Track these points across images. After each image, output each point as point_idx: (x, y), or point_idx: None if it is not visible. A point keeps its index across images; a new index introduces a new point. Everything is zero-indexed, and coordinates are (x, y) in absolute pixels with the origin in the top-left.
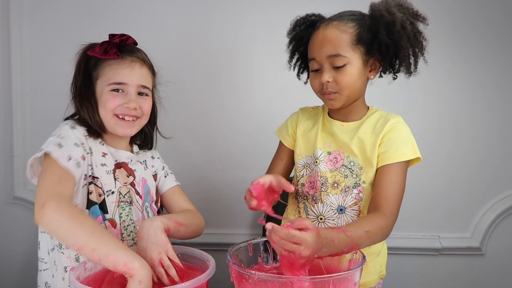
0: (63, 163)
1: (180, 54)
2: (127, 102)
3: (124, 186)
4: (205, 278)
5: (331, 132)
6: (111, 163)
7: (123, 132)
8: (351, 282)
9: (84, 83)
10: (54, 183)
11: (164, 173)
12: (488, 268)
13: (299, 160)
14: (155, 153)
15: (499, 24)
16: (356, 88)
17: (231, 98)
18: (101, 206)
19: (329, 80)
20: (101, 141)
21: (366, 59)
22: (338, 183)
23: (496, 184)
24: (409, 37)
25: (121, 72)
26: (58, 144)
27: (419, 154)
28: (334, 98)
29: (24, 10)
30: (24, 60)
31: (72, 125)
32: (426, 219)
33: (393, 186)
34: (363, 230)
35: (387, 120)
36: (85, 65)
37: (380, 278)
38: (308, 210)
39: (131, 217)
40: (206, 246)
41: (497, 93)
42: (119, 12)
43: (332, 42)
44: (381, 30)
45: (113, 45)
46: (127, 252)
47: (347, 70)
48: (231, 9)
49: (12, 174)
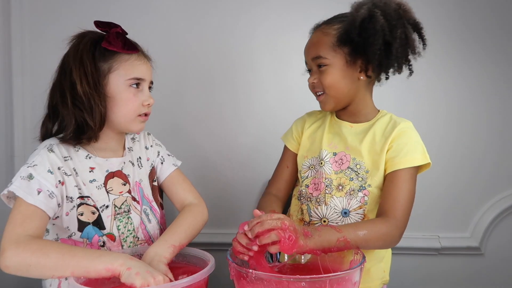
0: (30, 201)
1: (181, 53)
2: (146, 99)
3: (120, 196)
4: (204, 274)
5: (338, 133)
6: (101, 176)
7: (138, 129)
8: (350, 283)
9: (97, 74)
10: (16, 226)
11: (160, 159)
12: (487, 267)
13: (304, 161)
14: (148, 141)
15: (498, 27)
16: (341, 89)
17: (232, 98)
18: (96, 223)
19: (314, 81)
20: (87, 154)
21: (351, 60)
22: (343, 186)
23: (495, 184)
24: (384, 32)
25: (139, 68)
26: (28, 177)
27: (429, 159)
28: (323, 100)
29: (25, 10)
30: (24, 60)
31: (50, 147)
32: (426, 219)
33: (401, 193)
34: (357, 230)
35: (397, 124)
36: (93, 55)
37: (383, 284)
38: (311, 212)
39: (129, 227)
40: (206, 246)
41: (496, 95)
42: (120, 12)
43: (315, 45)
44: (352, 28)
45: (124, 38)
46: (104, 257)
47: (328, 71)
48: (231, 9)
49: (12, 174)
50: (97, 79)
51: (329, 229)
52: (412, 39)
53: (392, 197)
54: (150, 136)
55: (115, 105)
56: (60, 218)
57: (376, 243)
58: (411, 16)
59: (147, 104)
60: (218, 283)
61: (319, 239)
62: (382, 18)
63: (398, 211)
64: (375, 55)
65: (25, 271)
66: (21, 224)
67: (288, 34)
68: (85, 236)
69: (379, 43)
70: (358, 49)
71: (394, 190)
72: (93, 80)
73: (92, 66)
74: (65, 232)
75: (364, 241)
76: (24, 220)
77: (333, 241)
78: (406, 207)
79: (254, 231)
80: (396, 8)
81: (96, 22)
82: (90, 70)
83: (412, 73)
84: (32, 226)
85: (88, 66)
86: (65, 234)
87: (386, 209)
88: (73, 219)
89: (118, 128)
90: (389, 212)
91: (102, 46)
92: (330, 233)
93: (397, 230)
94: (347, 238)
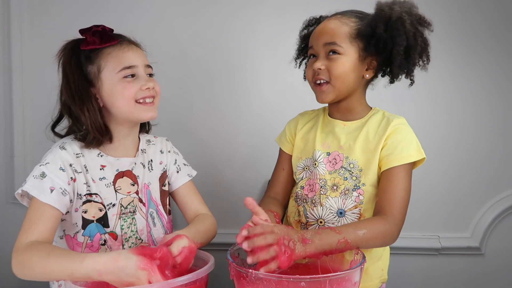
0: (43, 200)
1: (180, 53)
2: (144, 84)
3: (127, 196)
4: (203, 273)
5: (331, 132)
6: (111, 174)
7: (148, 116)
8: (350, 283)
9: (81, 83)
10: (22, 233)
11: (176, 167)
12: (487, 268)
13: (298, 163)
14: (165, 146)
15: (501, 28)
16: (347, 81)
17: (233, 97)
18: (102, 220)
19: (321, 68)
20: (99, 152)
21: (363, 55)
22: (338, 186)
23: (495, 184)
24: (408, 36)
25: (126, 55)
26: (40, 175)
27: (424, 154)
28: (325, 90)
29: (25, 10)
30: (24, 60)
31: (62, 144)
32: (426, 219)
33: (398, 190)
34: (357, 230)
35: (390, 121)
36: (77, 63)
37: (381, 282)
38: (307, 213)
39: (132, 228)
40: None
41: (498, 95)
42: (120, 12)
43: (331, 31)
44: (379, 24)
45: (102, 33)
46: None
47: (341, 60)
48: (230, 9)
49: (12, 174)
50: (87, 86)
51: (329, 231)
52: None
53: (388, 194)
54: (169, 143)
55: (114, 99)
56: (69, 214)
57: (375, 242)
58: (426, 29)
59: (147, 88)
60: (218, 283)
61: (320, 243)
62: (410, 23)
63: (396, 208)
64: (398, 56)
65: (33, 276)
66: (27, 230)
67: (289, 33)
68: (87, 234)
69: (404, 44)
70: (377, 46)
71: (390, 188)
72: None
73: (76, 75)
74: (72, 228)
75: (364, 241)
76: (30, 226)
77: (334, 243)
78: (403, 204)
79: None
80: (419, 18)
81: (81, 31)
82: (78, 79)
83: (413, 83)
84: (39, 230)
85: (76, 75)
86: (71, 231)
87: (383, 206)
88: (80, 215)
89: (126, 121)
90: (386, 209)
91: (81, 48)
92: (331, 235)
93: (396, 227)
94: (348, 239)
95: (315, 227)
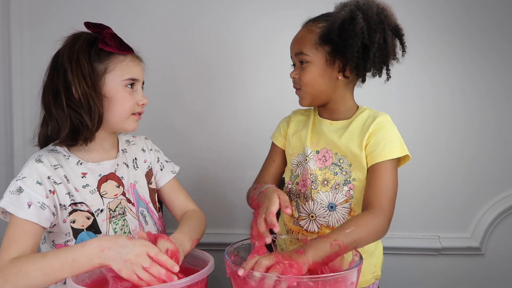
0: (22, 216)
1: (174, 53)
2: (141, 99)
3: (114, 199)
4: (204, 274)
5: (319, 131)
6: (94, 180)
7: (133, 128)
8: (347, 283)
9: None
10: (2, 251)
11: (160, 165)
12: (488, 268)
13: (293, 160)
14: (146, 145)
15: (490, 26)
16: (318, 87)
17: (228, 97)
18: (91, 228)
19: (295, 76)
20: (78, 160)
21: (331, 59)
22: (328, 181)
23: (496, 184)
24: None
25: (134, 68)
26: (17, 190)
27: (407, 151)
28: (299, 95)
29: (24, 11)
30: (24, 60)
31: (38, 157)
32: (426, 219)
33: (383, 184)
34: (346, 230)
35: (374, 119)
36: (89, 57)
37: (375, 279)
38: (300, 208)
39: (125, 229)
40: (205, 246)
41: (501, 94)
42: (120, 12)
43: (299, 41)
44: (332, 28)
45: (120, 39)
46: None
47: (308, 68)
48: (225, 8)
49: (12, 174)
50: (94, 80)
51: (319, 239)
52: (392, 44)
53: (374, 187)
54: (148, 141)
55: (111, 105)
56: (58, 226)
57: (368, 237)
58: (392, 21)
59: (142, 104)
60: (217, 283)
61: (314, 251)
62: (363, 21)
63: (383, 200)
64: (353, 57)
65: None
66: (7, 248)
67: (283, 32)
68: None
69: (357, 46)
70: (337, 49)
71: (376, 181)
72: (91, 81)
73: (89, 67)
74: (63, 238)
75: (356, 238)
76: (10, 244)
77: (327, 247)
78: (390, 196)
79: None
80: (378, 12)
81: (87, 23)
82: (88, 71)
83: (389, 78)
84: (19, 247)
85: (85, 66)
86: (62, 240)
87: (370, 199)
88: (69, 226)
89: (113, 128)
90: (373, 202)
91: (98, 47)
92: (321, 241)
93: (385, 218)
94: (338, 240)
95: (307, 221)
